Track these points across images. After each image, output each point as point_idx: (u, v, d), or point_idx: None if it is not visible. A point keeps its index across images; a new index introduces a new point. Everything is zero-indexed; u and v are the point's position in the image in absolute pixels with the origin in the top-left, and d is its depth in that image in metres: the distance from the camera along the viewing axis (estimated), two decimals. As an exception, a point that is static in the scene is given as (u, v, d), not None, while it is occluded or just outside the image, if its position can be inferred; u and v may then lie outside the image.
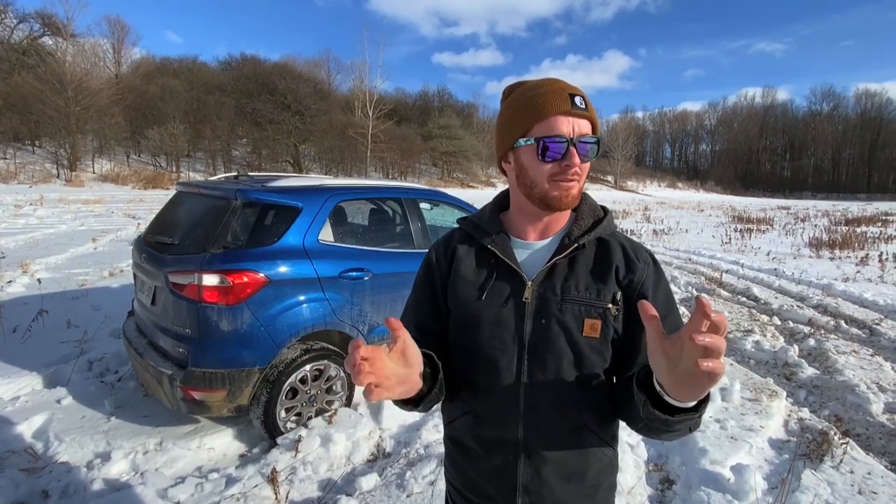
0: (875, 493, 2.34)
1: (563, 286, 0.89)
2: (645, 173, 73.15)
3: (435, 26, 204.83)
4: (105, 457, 2.54)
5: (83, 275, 6.51)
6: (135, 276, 3.21)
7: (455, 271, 0.97)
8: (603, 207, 0.99)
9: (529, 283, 0.90)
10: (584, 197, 0.98)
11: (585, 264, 0.91)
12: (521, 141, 0.87)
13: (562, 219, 0.96)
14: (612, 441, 0.94)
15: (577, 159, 0.84)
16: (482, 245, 0.95)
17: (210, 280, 2.50)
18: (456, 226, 1.06)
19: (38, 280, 5.66)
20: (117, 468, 2.48)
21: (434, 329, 0.99)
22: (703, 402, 0.71)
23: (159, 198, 20.95)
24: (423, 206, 3.79)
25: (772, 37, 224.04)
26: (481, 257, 0.96)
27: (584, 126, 0.85)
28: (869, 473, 2.49)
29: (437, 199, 3.98)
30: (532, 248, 0.95)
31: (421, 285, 1.03)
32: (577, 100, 0.85)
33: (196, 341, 2.54)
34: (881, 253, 9.86)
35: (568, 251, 0.90)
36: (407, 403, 0.84)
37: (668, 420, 0.72)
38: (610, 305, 0.88)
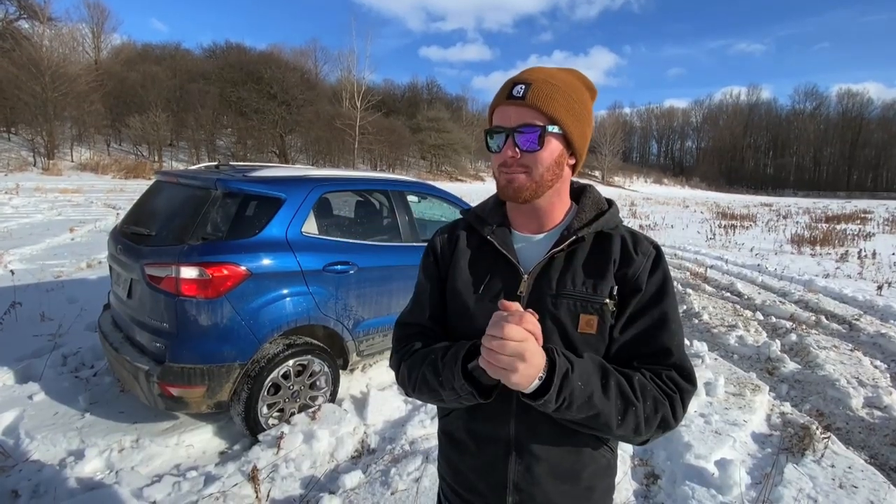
0: (856, 486, 2.37)
1: (558, 280, 0.86)
2: (632, 169, 73.73)
3: (422, 20, 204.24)
4: (78, 455, 2.45)
5: (59, 266, 6.32)
6: (111, 268, 3.10)
7: (455, 261, 0.95)
8: (608, 200, 0.95)
9: (525, 276, 0.87)
10: (588, 190, 0.96)
11: (583, 258, 0.88)
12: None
13: (559, 212, 0.93)
14: (609, 442, 0.91)
15: (509, 150, 0.82)
16: (482, 236, 0.93)
17: (188, 273, 2.42)
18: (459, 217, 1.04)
19: (12, 271, 5.46)
20: (91, 466, 2.40)
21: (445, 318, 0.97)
22: (542, 392, 0.72)
23: (140, 188, 20.36)
24: (411, 198, 3.72)
25: (751, 37, 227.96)
26: (481, 249, 0.94)
27: (524, 115, 0.82)
28: (849, 467, 2.52)
29: (425, 191, 3.92)
30: (532, 240, 0.92)
31: (429, 275, 1.00)
32: (516, 89, 0.82)
33: (174, 336, 2.46)
34: (860, 250, 10.06)
35: (566, 244, 0.86)
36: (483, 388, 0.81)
37: (528, 403, 0.76)
38: (607, 301, 0.84)
